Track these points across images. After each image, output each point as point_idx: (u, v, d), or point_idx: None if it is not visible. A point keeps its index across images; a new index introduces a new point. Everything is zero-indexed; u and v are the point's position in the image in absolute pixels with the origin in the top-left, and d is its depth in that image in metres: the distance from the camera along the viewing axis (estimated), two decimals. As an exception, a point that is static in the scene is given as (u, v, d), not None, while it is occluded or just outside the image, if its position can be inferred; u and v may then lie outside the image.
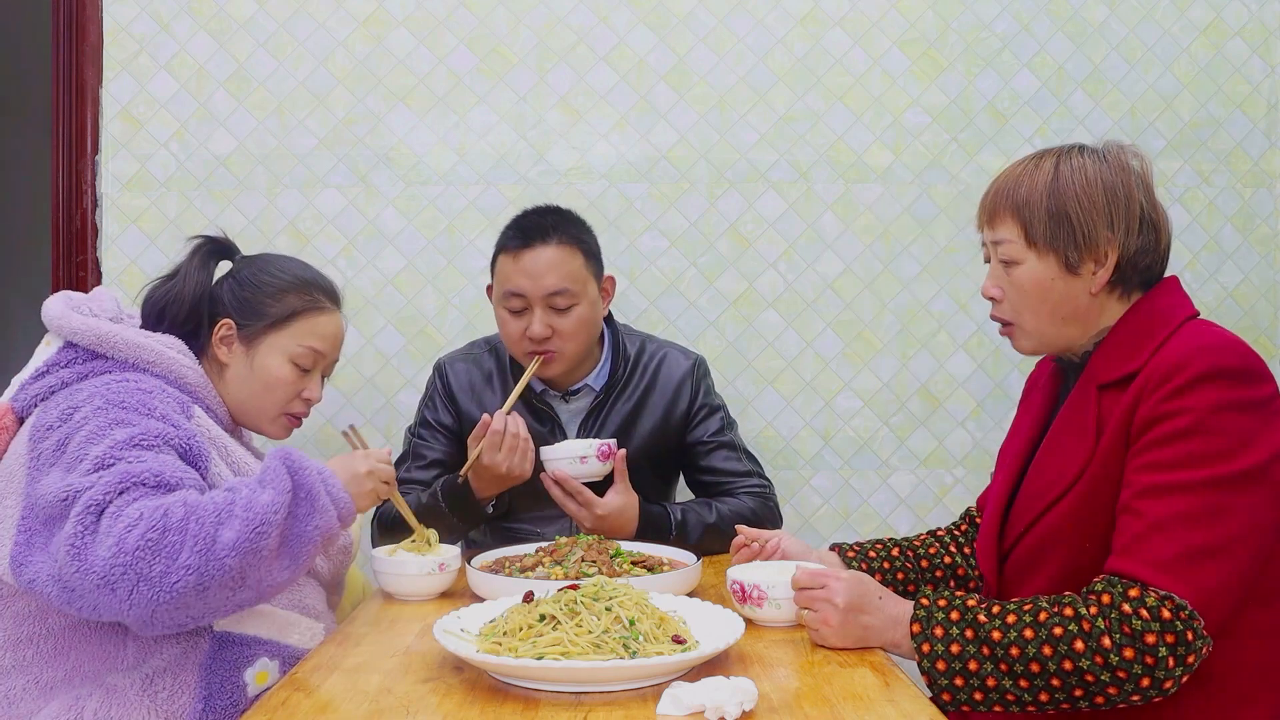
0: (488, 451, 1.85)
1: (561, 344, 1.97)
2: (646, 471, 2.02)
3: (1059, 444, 1.43)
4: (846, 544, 1.70)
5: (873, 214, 2.55)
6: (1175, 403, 1.28)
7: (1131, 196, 1.40)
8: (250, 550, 1.29)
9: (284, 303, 1.67)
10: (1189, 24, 2.58)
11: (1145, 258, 1.41)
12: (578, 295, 1.97)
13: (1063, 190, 1.40)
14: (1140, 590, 1.22)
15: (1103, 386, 1.39)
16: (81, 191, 2.51)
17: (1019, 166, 1.46)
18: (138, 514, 1.27)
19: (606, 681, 1.15)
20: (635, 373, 2.09)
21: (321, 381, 1.73)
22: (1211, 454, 1.25)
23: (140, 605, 1.26)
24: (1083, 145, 1.45)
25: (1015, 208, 1.42)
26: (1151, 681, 1.20)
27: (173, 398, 1.52)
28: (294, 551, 1.36)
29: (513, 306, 1.97)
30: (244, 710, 1.41)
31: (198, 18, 2.51)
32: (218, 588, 1.28)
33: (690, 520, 1.95)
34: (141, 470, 1.33)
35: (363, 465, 1.50)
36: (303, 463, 1.39)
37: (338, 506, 1.41)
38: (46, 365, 1.54)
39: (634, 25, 2.54)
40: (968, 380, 2.56)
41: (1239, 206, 2.60)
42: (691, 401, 2.09)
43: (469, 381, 2.10)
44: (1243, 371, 1.29)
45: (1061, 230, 1.39)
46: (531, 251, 1.95)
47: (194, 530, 1.27)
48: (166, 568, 1.25)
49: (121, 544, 1.25)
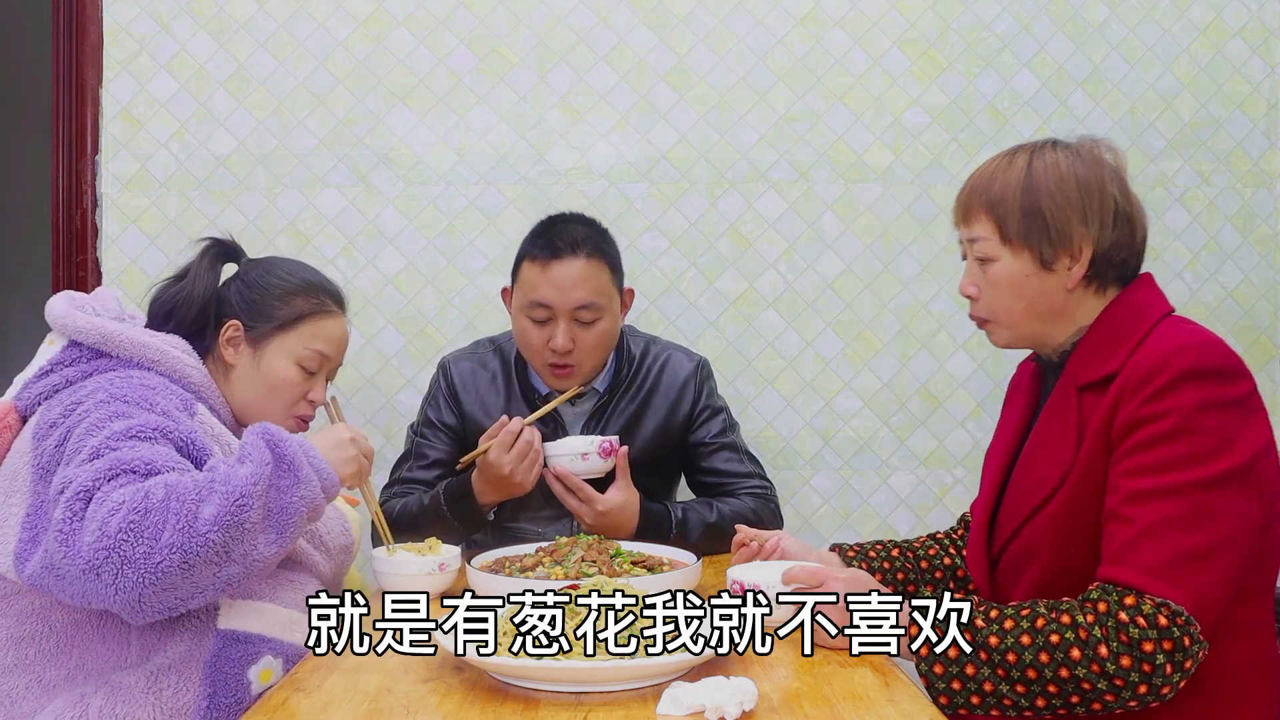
0: (496, 449, 1.84)
1: (582, 358, 1.97)
2: (648, 472, 2.02)
3: (1042, 447, 1.42)
4: (846, 544, 1.70)
5: (873, 214, 2.55)
6: (1156, 405, 1.27)
7: (1105, 191, 1.39)
8: (232, 524, 1.29)
9: (291, 305, 1.68)
10: (1189, 24, 2.58)
11: (1121, 252, 1.41)
12: (603, 310, 1.96)
13: (1036, 186, 1.40)
14: (1136, 598, 1.22)
15: (1082, 388, 1.39)
16: (81, 191, 2.51)
17: (993, 163, 1.46)
18: (120, 499, 1.27)
19: (606, 681, 1.15)
20: (639, 374, 2.08)
21: (325, 384, 1.74)
22: (1196, 455, 1.25)
23: (126, 589, 1.26)
24: (1056, 140, 1.45)
25: (989, 205, 1.42)
26: (1149, 689, 1.20)
27: (176, 395, 1.52)
28: (280, 524, 1.36)
29: (537, 316, 1.95)
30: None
31: (198, 18, 2.51)
32: (202, 564, 1.28)
33: (691, 519, 1.95)
34: (132, 458, 1.33)
35: (345, 433, 1.51)
36: (281, 434, 1.39)
37: (320, 477, 1.41)
38: (50, 364, 1.55)
39: (634, 25, 2.54)
40: (968, 380, 2.56)
41: (1239, 206, 2.60)
42: (694, 403, 2.09)
43: (473, 381, 2.09)
44: (1221, 370, 1.29)
45: (1035, 226, 1.39)
46: (561, 264, 1.93)
47: (175, 509, 1.27)
48: (150, 549, 1.25)
49: (104, 529, 1.25)
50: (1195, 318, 2.51)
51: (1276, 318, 2.62)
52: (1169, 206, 2.59)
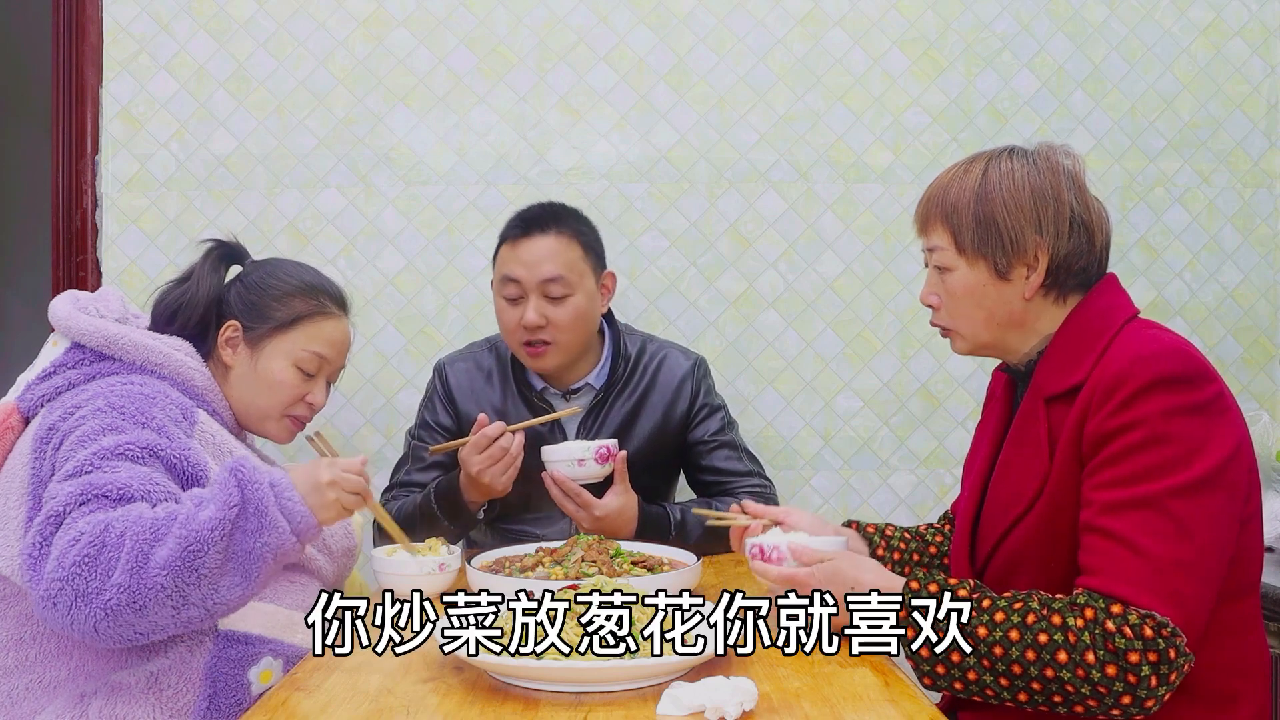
0: (469, 449, 1.84)
1: (555, 334, 1.97)
2: (646, 471, 2.02)
3: (1015, 459, 1.42)
4: (864, 522, 1.70)
5: (873, 214, 2.55)
6: (1124, 416, 1.27)
7: (1060, 199, 1.38)
8: (184, 568, 1.25)
9: (289, 306, 1.67)
10: (1189, 24, 2.58)
11: (1079, 260, 1.39)
12: (573, 285, 1.97)
13: (989, 196, 1.38)
14: (1123, 608, 1.21)
15: (1049, 399, 1.38)
16: (81, 191, 2.51)
17: (950, 172, 1.45)
18: (81, 530, 1.26)
19: (606, 681, 1.15)
20: (635, 372, 2.09)
21: (327, 387, 1.73)
22: (1169, 463, 1.24)
23: (80, 622, 1.25)
24: (1014, 147, 1.43)
25: (945, 214, 1.42)
26: (1133, 700, 1.20)
27: (176, 404, 1.51)
28: (244, 568, 1.31)
29: (509, 294, 1.98)
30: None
31: (198, 18, 2.51)
32: (155, 606, 1.26)
33: (690, 520, 1.95)
34: (106, 482, 1.32)
35: (325, 474, 1.37)
36: (254, 475, 1.32)
37: (291, 521, 1.33)
38: (54, 366, 1.54)
39: (634, 25, 2.54)
40: (967, 380, 2.56)
41: (1239, 206, 2.60)
42: (692, 402, 2.09)
43: (469, 382, 2.10)
44: (1185, 377, 1.28)
45: (989, 236, 1.38)
46: (530, 240, 1.98)
47: (129, 548, 1.25)
48: (101, 585, 1.24)
49: (61, 560, 1.25)
50: (1195, 318, 2.57)
51: (1276, 318, 2.62)
52: (1169, 206, 2.59)
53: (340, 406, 2.49)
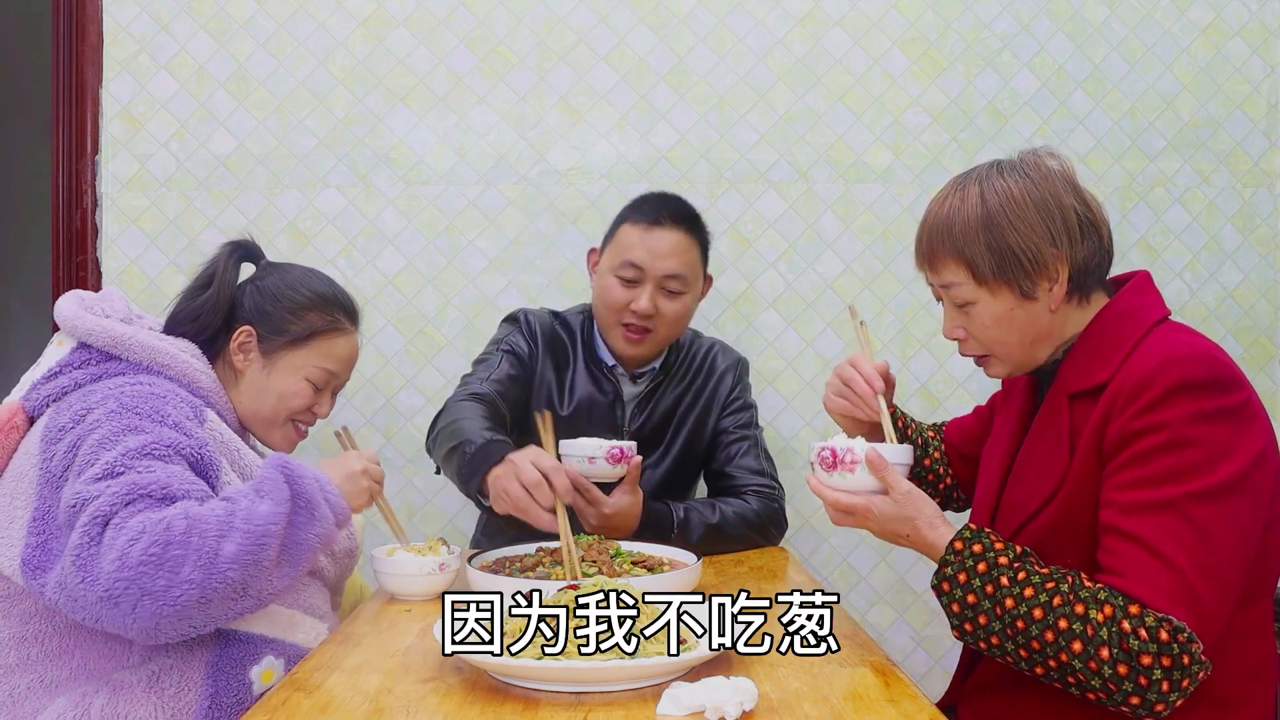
0: (508, 479, 1.66)
1: (660, 325, 2.04)
2: (684, 458, 2.10)
3: (1035, 454, 1.42)
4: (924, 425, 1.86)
5: (873, 214, 2.55)
6: (1148, 418, 1.26)
7: (1063, 205, 1.36)
8: (252, 562, 1.31)
9: (305, 320, 1.67)
10: (1189, 24, 2.58)
11: (1094, 259, 1.39)
12: (688, 285, 2.04)
13: (995, 220, 1.35)
14: (1140, 609, 1.21)
15: (1073, 396, 1.38)
16: (81, 191, 2.51)
17: (944, 203, 1.41)
18: (140, 527, 1.27)
19: (606, 681, 1.15)
20: (685, 360, 2.16)
21: (332, 398, 1.74)
22: (1192, 467, 1.24)
23: (144, 619, 1.27)
24: (998, 163, 1.41)
25: (955, 249, 1.38)
26: (1141, 701, 1.20)
27: (186, 402, 1.52)
28: (294, 559, 1.38)
29: (626, 275, 2.01)
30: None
31: (198, 18, 2.51)
32: (220, 599, 1.30)
33: (693, 519, 1.95)
34: (148, 482, 1.33)
35: (357, 464, 1.54)
36: (300, 471, 1.41)
37: (335, 512, 1.43)
38: (59, 365, 1.54)
39: (634, 25, 2.54)
40: (967, 380, 2.56)
41: (1239, 206, 2.60)
42: (730, 391, 2.16)
43: (551, 333, 2.13)
44: (1211, 382, 1.27)
45: (1007, 262, 1.35)
46: (660, 230, 2.01)
47: (196, 544, 1.28)
48: (170, 582, 1.26)
49: (124, 558, 1.26)
50: (1195, 318, 2.57)
51: (1276, 318, 2.62)
52: (1169, 206, 2.59)
53: (340, 406, 2.49)
